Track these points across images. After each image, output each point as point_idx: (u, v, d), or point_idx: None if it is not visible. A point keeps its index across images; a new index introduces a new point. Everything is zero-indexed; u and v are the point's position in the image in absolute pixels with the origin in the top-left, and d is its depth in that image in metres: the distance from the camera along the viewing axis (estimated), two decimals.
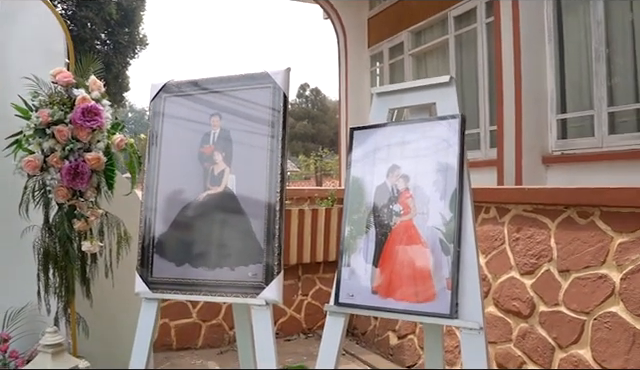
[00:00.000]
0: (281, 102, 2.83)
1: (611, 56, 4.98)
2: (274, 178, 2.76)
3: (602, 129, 5.02)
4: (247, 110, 2.91)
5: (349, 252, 2.61)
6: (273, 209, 2.73)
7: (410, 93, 2.62)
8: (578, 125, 5.33)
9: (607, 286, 3.10)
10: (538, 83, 5.55)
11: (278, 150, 2.79)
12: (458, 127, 2.40)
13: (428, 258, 2.37)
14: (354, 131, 2.74)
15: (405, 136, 2.55)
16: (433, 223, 2.39)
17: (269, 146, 2.81)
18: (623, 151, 4.81)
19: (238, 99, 2.94)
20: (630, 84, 4.85)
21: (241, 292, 2.73)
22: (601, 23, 4.99)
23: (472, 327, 2.23)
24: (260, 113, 2.87)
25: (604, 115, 4.98)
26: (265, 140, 2.82)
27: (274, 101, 2.84)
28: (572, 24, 5.33)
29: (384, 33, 8.19)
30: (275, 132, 2.81)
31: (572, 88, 5.38)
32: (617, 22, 4.92)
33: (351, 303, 2.55)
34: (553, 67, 5.49)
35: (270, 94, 2.86)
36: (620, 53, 4.95)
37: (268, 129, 2.83)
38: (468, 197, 2.38)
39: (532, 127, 5.52)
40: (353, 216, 2.63)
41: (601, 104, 5.01)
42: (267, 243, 2.74)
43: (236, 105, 2.94)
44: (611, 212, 3.15)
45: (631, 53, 4.82)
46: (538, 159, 5.52)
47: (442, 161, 2.42)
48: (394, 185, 2.53)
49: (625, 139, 4.84)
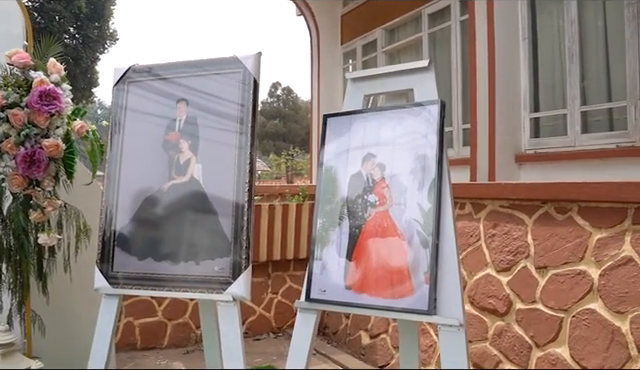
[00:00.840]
0: (251, 88, 2.67)
1: (584, 55, 4.93)
2: (243, 167, 2.60)
3: (575, 128, 4.95)
4: (215, 96, 2.74)
5: (321, 245, 2.45)
6: (242, 199, 2.58)
7: (386, 79, 2.47)
8: (551, 124, 5.26)
9: (585, 282, 3.00)
10: (512, 82, 5.47)
11: (247, 138, 2.63)
12: (437, 113, 2.27)
13: (405, 251, 2.23)
14: (327, 118, 2.58)
15: (381, 123, 2.40)
16: (410, 214, 2.25)
17: (238, 134, 2.65)
18: (595, 150, 4.74)
19: (206, 84, 2.78)
20: (603, 83, 4.79)
21: (207, 288, 2.58)
22: (575, 22, 4.93)
23: (452, 324, 2.09)
24: (229, 99, 2.71)
25: (577, 114, 4.91)
26: (234, 127, 2.66)
27: (244, 86, 2.68)
28: (546, 23, 5.26)
29: (358, 30, 8.07)
30: (244, 120, 2.66)
31: (545, 87, 5.31)
32: (590, 21, 4.87)
33: (323, 299, 2.40)
34: (527, 66, 5.41)
35: (240, 79, 2.70)
36: (593, 52, 4.89)
37: (237, 116, 2.67)
38: (447, 187, 2.24)
39: (505, 126, 5.43)
40: (325, 207, 2.48)
41: (574, 103, 4.94)
42: (235, 236, 2.58)
43: (204, 91, 2.77)
44: (590, 207, 3.06)
45: (604, 52, 4.76)
46: (511, 158, 5.44)
47: (420, 149, 2.27)
48: (369, 174, 2.39)
49: (597, 138, 4.77)
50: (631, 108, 4.30)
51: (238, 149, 2.63)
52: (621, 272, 2.87)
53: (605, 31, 4.73)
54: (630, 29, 4.30)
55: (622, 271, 2.86)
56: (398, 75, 2.43)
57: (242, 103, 2.67)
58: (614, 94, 4.56)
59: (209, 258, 2.60)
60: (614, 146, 4.46)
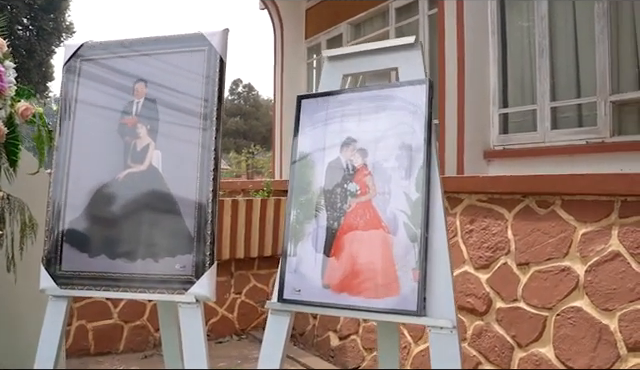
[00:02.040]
0: (217, 67, 2.40)
1: (554, 51, 4.81)
2: (207, 154, 2.33)
3: (544, 124, 4.83)
4: (177, 76, 2.46)
5: (295, 240, 2.18)
6: (205, 190, 2.30)
7: (368, 57, 2.22)
8: (520, 120, 5.13)
9: (570, 279, 2.82)
10: (481, 77, 5.33)
11: (212, 122, 2.36)
12: (425, 94, 2.03)
13: (390, 245, 1.99)
14: (302, 100, 2.31)
15: (362, 105, 2.15)
16: (396, 205, 2.00)
17: (202, 118, 2.37)
18: (565, 146, 4.64)
19: (167, 63, 2.49)
20: (572, 79, 4.69)
21: (167, 288, 2.30)
22: (545, 18, 4.81)
23: (444, 326, 1.86)
24: (192, 79, 2.43)
25: (547, 110, 4.79)
26: (198, 111, 2.38)
27: (209, 66, 2.41)
28: (516, 18, 5.14)
29: (322, 25, 7.85)
30: (209, 103, 2.38)
31: (515, 83, 5.19)
32: (561, 17, 4.76)
33: (298, 299, 2.13)
34: (496, 61, 5.28)
35: (204, 58, 2.43)
36: (563, 48, 4.78)
37: (201, 99, 2.40)
38: (437, 175, 2.01)
39: (474, 121, 5.28)
40: (300, 198, 2.21)
41: (544, 99, 4.82)
42: (198, 230, 2.31)
43: (165, 70, 2.48)
44: (574, 200, 2.88)
45: (573, 48, 4.66)
46: (480, 154, 5.29)
47: (406, 133, 2.03)
48: (349, 161, 2.13)
49: (567, 134, 4.66)
50: (601, 104, 4.22)
51: (202, 135, 2.35)
52: (608, 268, 2.69)
53: (575, 27, 4.63)
54: (600, 25, 4.22)
55: (609, 267, 2.69)
56: (381, 53, 2.19)
57: (207, 84, 2.39)
58: (584, 90, 4.47)
59: (169, 255, 2.32)
60: (584, 142, 4.37)
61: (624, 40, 4.11)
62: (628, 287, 2.62)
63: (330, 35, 7.71)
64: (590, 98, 4.33)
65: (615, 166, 3.72)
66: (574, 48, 4.62)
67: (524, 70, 5.05)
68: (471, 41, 5.25)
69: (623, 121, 4.14)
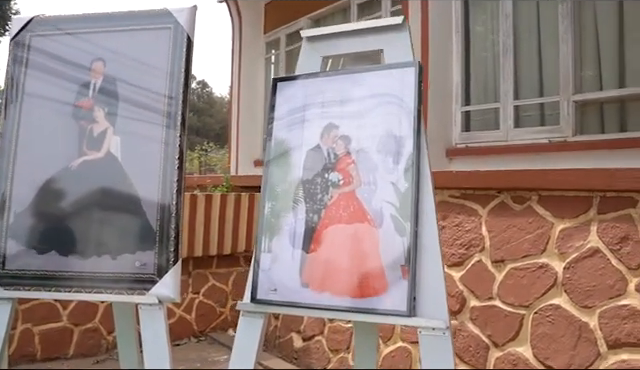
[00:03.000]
0: (184, 46, 2.18)
1: (518, 50, 4.76)
2: (172, 141, 2.10)
3: (507, 122, 4.76)
4: (140, 55, 2.23)
5: (270, 234, 1.98)
6: (170, 179, 2.08)
7: (350, 38, 2.03)
8: (483, 118, 5.06)
9: (548, 276, 2.71)
10: (444, 75, 5.22)
11: (178, 107, 2.13)
12: (414, 77, 1.86)
13: (377, 240, 1.81)
14: (278, 82, 2.11)
15: (345, 88, 1.96)
16: (383, 196, 1.83)
17: (166, 102, 2.15)
18: (528, 144, 4.58)
19: (129, 41, 2.25)
20: (535, 78, 4.64)
21: (125, 287, 2.07)
22: (509, 16, 4.74)
23: (436, 327, 1.69)
24: (157, 59, 2.20)
25: (510, 108, 4.72)
26: (161, 93, 2.16)
27: (175, 44, 2.19)
28: (480, 16, 5.06)
29: (282, 19, 7.63)
30: (174, 85, 2.16)
31: (478, 80, 5.11)
32: (525, 16, 4.71)
33: (273, 300, 1.92)
34: (459, 59, 5.19)
35: (170, 36, 2.20)
36: (526, 47, 4.73)
37: (165, 80, 2.17)
38: (427, 164, 1.85)
39: (436, 119, 5.16)
40: (276, 189, 2.01)
41: (507, 97, 4.74)
42: (161, 223, 2.09)
43: (126, 48, 2.24)
44: (552, 196, 2.77)
45: (537, 48, 4.61)
46: (442, 151, 5.17)
47: (394, 119, 1.86)
48: (330, 149, 1.94)
49: (530, 133, 4.60)
50: (564, 103, 4.17)
51: (167, 119, 2.12)
52: (587, 264, 2.59)
53: (539, 27, 4.59)
54: (564, 25, 4.18)
55: (588, 263, 2.59)
56: (365, 33, 2.00)
57: (172, 64, 2.17)
58: (547, 89, 4.42)
59: (128, 251, 2.09)
60: (546, 141, 4.30)
61: (587, 40, 4.08)
62: (608, 284, 2.53)
63: (290, 30, 7.51)
64: (553, 97, 4.28)
65: (577, 165, 3.69)
66: (538, 47, 4.56)
67: (487, 68, 4.98)
68: (435, 38, 5.14)
69: (585, 121, 4.11)
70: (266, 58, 8.04)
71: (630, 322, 2.45)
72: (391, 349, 3.43)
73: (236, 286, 4.96)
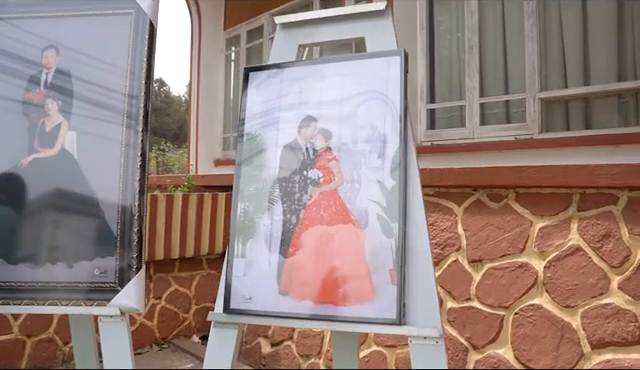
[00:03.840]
0: (146, 33, 1.98)
1: (483, 47, 4.70)
2: (133, 136, 1.90)
3: (473, 120, 4.69)
4: (98, 43, 2.01)
5: (244, 238, 1.80)
6: (131, 179, 1.88)
7: (330, 25, 1.87)
8: (449, 116, 4.98)
9: (528, 276, 2.61)
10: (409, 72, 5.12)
11: (139, 99, 1.94)
12: (400, 67, 1.72)
13: (362, 242, 1.65)
14: (250, 72, 1.93)
15: (325, 78, 1.80)
16: (368, 195, 1.67)
17: (127, 95, 1.94)
18: (494, 142, 4.52)
19: (86, 28, 2.03)
20: (501, 75, 4.58)
21: (83, 298, 1.86)
22: (475, 13, 4.68)
23: (428, 335, 1.55)
24: (115, 47, 1.99)
25: (476, 106, 4.65)
26: (121, 85, 1.95)
27: (136, 32, 1.99)
28: (445, 13, 4.98)
29: (243, 15, 7.42)
30: (136, 75, 1.96)
31: (443, 78, 5.02)
32: (490, 13, 4.65)
33: (248, 309, 1.74)
34: (424, 56, 5.10)
35: (131, 22, 2.00)
36: (492, 44, 4.67)
37: (126, 71, 1.97)
38: (414, 159, 1.70)
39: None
40: (249, 188, 1.83)
41: (473, 95, 4.67)
42: (122, 227, 1.89)
43: (82, 36, 2.03)
44: (530, 193, 2.68)
45: (502, 44, 4.56)
46: None
47: (378, 111, 1.71)
48: (309, 143, 1.78)
49: (496, 130, 4.54)
50: (530, 101, 4.14)
51: (127, 114, 1.92)
52: (568, 263, 2.50)
53: (504, 23, 4.53)
54: (529, 23, 4.14)
55: (569, 262, 2.50)
56: (345, 20, 1.84)
57: (134, 53, 1.97)
58: (513, 87, 4.37)
59: (86, 258, 1.88)
60: (512, 138, 4.26)
61: (552, 38, 4.05)
62: (590, 282, 2.44)
63: (251, 26, 7.31)
64: (519, 95, 4.24)
65: (544, 162, 3.65)
66: (503, 45, 4.50)
67: (453, 65, 4.90)
68: (399, 35, 4.98)
69: (551, 118, 4.08)
70: (226, 55, 7.82)
71: (614, 321, 2.37)
72: (365, 354, 3.28)
73: (199, 290, 4.72)
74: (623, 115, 3.78)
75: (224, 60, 7.87)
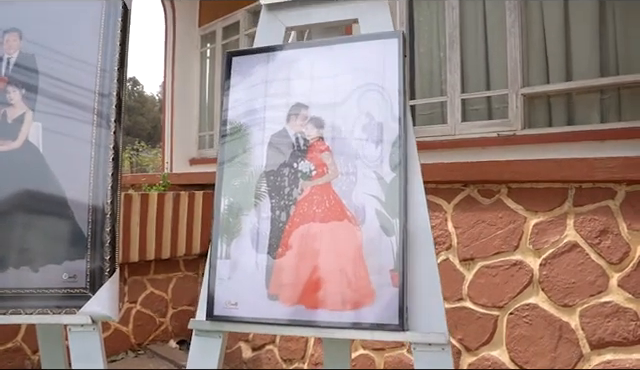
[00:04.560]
0: (119, 16, 1.80)
1: (465, 42, 4.59)
2: (105, 129, 1.72)
3: (455, 116, 4.58)
4: (66, 27, 1.82)
5: (228, 237, 1.62)
6: (103, 175, 1.70)
7: (320, 6, 1.71)
8: (430, 112, 4.86)
9: (523, 274, 2.49)
10: None
11: (112, 87, 1.75)
12: (398, 50, 1.57)
13: (359, 241, 1.49)
14: (233, 58, 1.76)
15: (316, 63, 1.64)
16: (365, 188, 1.51)
17: (98, 81, 1.76)
18: (476, 138, 4.42)
19: (52, 10, 1.84)
20: (482, 71, 4.49)
21: (51, 306, 1.67)
22: (456, 8, 4.58)
23: (434, 342, 1.40)
24: (85, 31, 1.80)
25: (457, 102, 4.54)
26: (91, 72, 1.77)
27: (108, 16, 1.80)
28: (425, 8, 4.86)
29: (218, 12, 7.22)
30: (108, 63, 1.78)
31: (423, 74, 4.91)
32: (471, 8, 4.55)
33: (234, 316, 1.57)
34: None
35: (103, 5, 1.81)
36: (473, 39, 4.58)
37: (97, 57, 1.78)
38: (415, 149, 1.55)
39: None
40: (233, 182, 1.66)
41: (454, 91, 4.57)
42: (93, 227, 1.71)
43: (47, 19, 1.83)
44: (523, 188, 2.56)
45: (484, 40, 4.46)
46: None
47: (375, 98, 1.55)
48: (299, 133, 1.61)
49: (478, 126, 4.44)
50: (512, 96, 4.05)
51: (98, 105, 1.74)
52: (565, 260, 2.39)
53: (485, 18, 4.44)
54: (511, 18, 4.06)
55: (566, 259, 2.39)
56: (337, 1, 1.69)
57: (105, 39, 1.79)
58: (495, 82, 4.28)
59: (53, 261, 1.70)
60: (495, 134, 4.16)
61: (534, 33, 3.97)
62: (588, 280, 2.33)
63: (227, 22, 7.12)
64: (501, 90, 4.15)
65: (527, 158, 3.58)
66: (485, 40, 4.41)
67: (434, 61, 4.79)
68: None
69: (533, 114, 4.01)
70: (201, 52, 7.61)
71: (614, 320, 2.26)
72: (352, 357, 3.13)
73: (176, 293, 4.51)
74: (606, 111, 3.71)
75: (199, 57, 7.66)
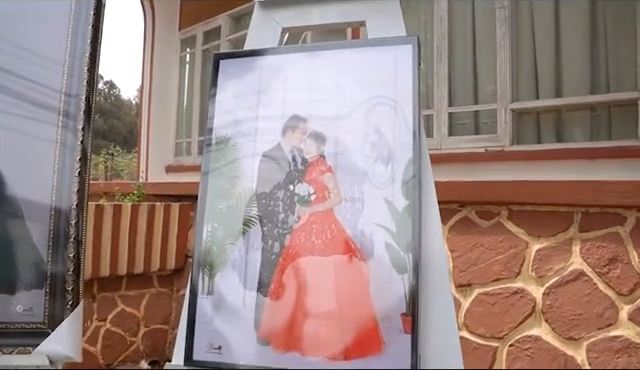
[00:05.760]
0: (91, 8, 1.57)
1: (453, 54, 4.43)
2: (71, 137, 1.48)
3: (442, 130, 4.41)
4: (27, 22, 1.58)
5: (211, 270, 1.38)
6: (67, 186, 1.46)
7: (322, 5, 1.49)
8: None
9: (525, 303, 2.29)
10: None
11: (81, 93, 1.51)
12: (412, 58, 1.35)
13: (366, 278, 1.26)
14: (221, 61, 1.52)
15: (317, 69, 1.41)
16: (373, 217, 1.28)
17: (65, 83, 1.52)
18: (463, 153, 4.26)
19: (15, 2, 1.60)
20: (471, 84, 4.33)
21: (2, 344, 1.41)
22: (444, 20, 4.42)
23: None
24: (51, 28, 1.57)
25: (444, 115, 4.38)
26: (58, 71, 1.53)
27: (79, 9, 1.57)
28: (413, 18, 4.69)
29: (199, 16, 6.98)
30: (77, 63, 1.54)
31: None
32: (460, 20, 4.40)
33: (217, 362, 1.32)
34: None
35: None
36: (461, 52, 4.42)
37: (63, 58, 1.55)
38: (430, 173, 1.33)
39: None
40: (218, 205, 1.41)
41: (441, 104, 4.40)
42: (54, 251, 1.46)
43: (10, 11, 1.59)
44: (524, 211, 2.37)
45: (472, 53, 4.31)
46: None
47: (385, 112, 1.33)
48: (296, 150, 1.38)
49: (465, 141, 4.28)
50: (501, 111, 3.90)
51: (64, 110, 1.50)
52: (571, 289, 2.20)
53: (475, 31, 4.28)
54: (501, 31, 3.91)
55: (572, 288, 2.19)
56: (342, 1, 1.47)
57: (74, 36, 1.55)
58: (484, 97, 4.13)
59: (4, 291, 1.44)
60: (482, 150, 4.01)
61: (525, 48, 3.83)
62: (596, 312, 2.13)
63: (207, 27, 6.88)
64: (490, 105, 4.00)
65: (515, 175, 3.43)
66: (473, 53, 4.26)
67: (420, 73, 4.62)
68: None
69: (522, 130, 3.86)
70: (181, 56, 7.35)
71: (624, 356, 2.06)
72: None
73: (149, 311, 4.21)
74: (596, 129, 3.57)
75: (178, 62, 7.40)
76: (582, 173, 3.24)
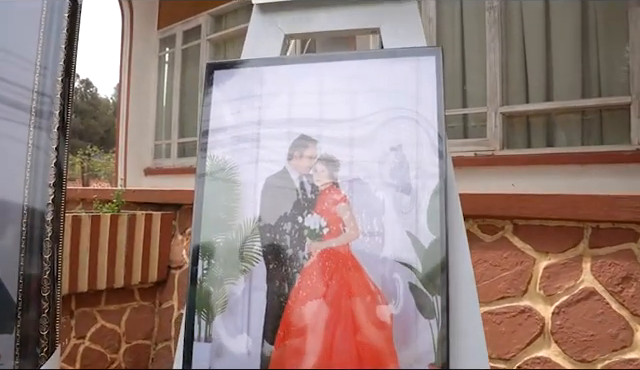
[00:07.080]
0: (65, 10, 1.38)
1: None
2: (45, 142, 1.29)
3: None
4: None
5: (209, 313, 1.19)
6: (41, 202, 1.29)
7: (330, 10, 1.30)
8: None
9: (533, 323, 2.14)
10: None
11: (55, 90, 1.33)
12: (436, 71, 1.17)
13: (388, 324, 1.09)
14: (215, 71, 1.32)
15: (327, 83, 1.23)
16: (395, 254, 1.11)
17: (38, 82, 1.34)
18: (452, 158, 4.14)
19: None
20: (459, 87, 4.20)
21: None
22: (432, 20, 4.29)
23: None
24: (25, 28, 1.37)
25: None
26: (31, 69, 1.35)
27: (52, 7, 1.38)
28: None
29: (179, 14, 6.75)
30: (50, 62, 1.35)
31: None
32: (449, 20, 4.27)
33: None
34: None
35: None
36: (450, 54, 4.29)
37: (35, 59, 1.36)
38: (457, 201, 1.16)
39: None
40: (214, 238, 1.22)
41: None
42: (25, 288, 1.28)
43: None
44: (531, 226, 2.22)
45: (461, 54, 4.17)
46: None
47: (407, 133, 1.16)
48: (305, 176, 1.20)
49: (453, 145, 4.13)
50: (491, 115, 3.79)
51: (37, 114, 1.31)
52: (582, 309, 2.05)
53: (463, 32, 4.15)
54: (491, 33, 3.80)
55: (583, 308, 2.05)
56: (352, 4, 1.28)
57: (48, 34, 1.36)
58: (473, 100, 4.01)
59: None
60: (472, 154, 3.91)
61: (515, 50, 3.72)
62: (609, 333, 1.99)
63: (187, 26, 6.66)
64: (480, 108, 3.89)
65: (505, 180, 3.31)
66: (462, 55, 4.13)
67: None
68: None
69: (512, 134, 3.75)
70: (160, 56, 7.10)
71: None
72: None
73: (130, 326, 3.97)
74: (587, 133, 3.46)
75: (157, 61, 7.15)
76: (573, 179, 3.13)
